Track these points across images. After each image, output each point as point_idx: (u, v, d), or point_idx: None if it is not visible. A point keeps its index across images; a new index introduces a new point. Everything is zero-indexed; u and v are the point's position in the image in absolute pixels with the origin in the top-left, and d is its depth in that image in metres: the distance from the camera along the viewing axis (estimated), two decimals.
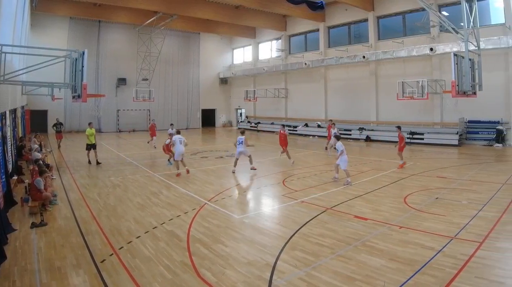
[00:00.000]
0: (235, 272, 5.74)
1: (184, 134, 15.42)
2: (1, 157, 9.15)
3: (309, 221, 8.19)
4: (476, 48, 14.85)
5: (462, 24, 14.44)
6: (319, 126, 30.03)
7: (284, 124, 21.37)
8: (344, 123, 27.79)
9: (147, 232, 7.64)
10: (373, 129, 26.50)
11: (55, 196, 10.32)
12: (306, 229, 7.68)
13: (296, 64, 32.19)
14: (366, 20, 27.72)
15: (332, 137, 17.38)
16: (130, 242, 7.05)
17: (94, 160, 16.36)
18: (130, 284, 5.39)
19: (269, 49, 38.26)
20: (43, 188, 9.44)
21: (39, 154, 15.14)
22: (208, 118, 42.90)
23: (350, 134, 26.89)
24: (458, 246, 6.47)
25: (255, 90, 37.10)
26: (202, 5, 29.63)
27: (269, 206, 10.20)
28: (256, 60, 39.66)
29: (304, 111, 33.54)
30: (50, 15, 29.85)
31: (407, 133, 23.36)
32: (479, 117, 21.76)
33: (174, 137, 13.61)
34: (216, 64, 42.86)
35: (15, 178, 12.44)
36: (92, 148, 16.34)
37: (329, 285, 5.26)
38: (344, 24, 29.98)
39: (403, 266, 5.74)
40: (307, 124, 30.89)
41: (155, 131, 22.84)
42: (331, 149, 18.06)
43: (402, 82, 23.04)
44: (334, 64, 29.06)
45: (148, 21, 30.76)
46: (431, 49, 21.91)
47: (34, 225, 7.93)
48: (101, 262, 6.11)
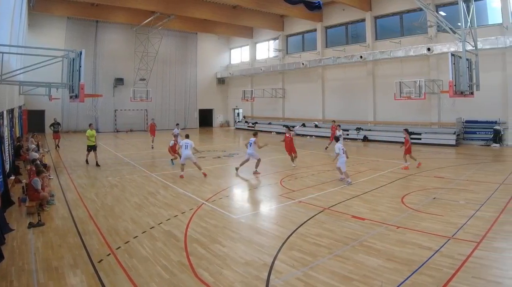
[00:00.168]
0: (233, 272, 5.74)
1: (182, 135, 15.39)
2: None
3: (307, 221, 8.19)
4: (474, 48, 14.90)
5: (460, 24, 14.44)
6: (317, 127, 30.10)
7: (289, 126, 20.70)
8: (342, 123, 27.38)
9: (145, 232, 7.62)
10: (371, 130, 26.59)
11: (53, 196, 10.29)
12: (304, 229, 7.68)
13: (294, 64, 32.25)
14: (364, 20, 27.78)
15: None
16: (128, 242, 7.04)
17: (93, 161, 16.12)
18: (128, 284, 5.38)
19: (267, 49, 38.31)
20: (41, 188, 9.40)
21: (37, 153, 15.08)
22: (206, 118, 42.92)
23: (348, 135, 26.86)
24: (456, 246, 6.48)
25: (253, 90, 37.14)
26: (200, 5, 29.64)
27: (267, 206, 10.18)
28: (254, 60, 39.69)
29: (302, 111, 33.58)
30: (48, 15, 29.82)
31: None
32: (477, 117, 21.84)
33: (182, 143, 13.63)
34: (214, 64, 42.87)
35: (13, 178, 12.41)
36: (93, 149, 16.10)
37: (327, 285, 5.26)
38: (342, 24, 30.04)
39: (401, 266, 5.74)
40: (305, 124, 30.85)
41: (155, 131, 22.62)
42: None
43: (400, 82, 23.12)
44: (332, 64, 29.12)
45: (146, 21, 30.74)
46: (429, 49, 21.95)
47: (32, 225, 7.90)
48: (99, 262, 6.09)
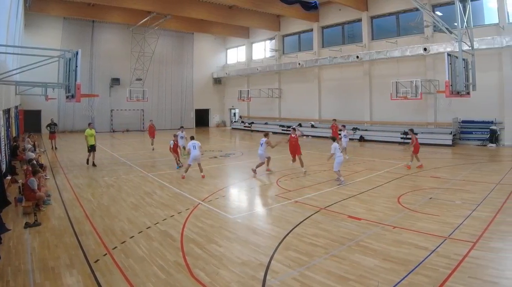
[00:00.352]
0: (229, 272, 5.74)
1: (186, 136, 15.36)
2: None
3: (303, 221, 8.19)
4: (470, 48, 14.93)
5: (456, 24, 14.51)
6: (313, 126, 30.15)
7: (294, 127, 20.51)
8: (338, 124, 27.69)
9: (141, 232, 7.61)
10: (367, 129, 26.62)
11: (49, 196, 10.27)
12: (300, 229, 7.69)
13: (290, 64, 32.26)
14: (360, 20, 27.84)
15: (342, 139, 17.13)
16: (124, 242, 7.02)
17: (90, 161, 15.98)
18: (124, 284, 5.37)
19: (263, 49, 38.36)
20: (37, 188, 9.38)
21: (33, 153, 15.04)
22: (202, 118, 42.90)
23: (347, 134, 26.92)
24: (452, 246, 6.49)
25: (249, 90, 37.14)
26: (196, 5, 29.63)
27: (263, 206, 10.19)
28: (250, 60, 39.70)
29: (298, 111, 33.62)
30: (44, 15, 29.72)
31: (401, 133, 23.54)
32: (473, 117, 21.91)
33: (189, 144, 13.61)
34: (210, 64, 42.84)
35: (9, 177, 12.35)
36: (92, 149, 15.90)
37: (323, 285, 5.26)
38: (338, 24, 30.09)
39: (397, 266, 5.76)
40: (301, 125, 30.94)
41: (154, 133, 21.98)
42: (343, 151, 15.63)
43: (396, 82, 23.17)
44: (328, 64, 29.17)
45: (142, 21, 30.70)
46: (425, 49, 22.02)
47: (28, 225, 7.88)
48: (95, 262, 6.08)
